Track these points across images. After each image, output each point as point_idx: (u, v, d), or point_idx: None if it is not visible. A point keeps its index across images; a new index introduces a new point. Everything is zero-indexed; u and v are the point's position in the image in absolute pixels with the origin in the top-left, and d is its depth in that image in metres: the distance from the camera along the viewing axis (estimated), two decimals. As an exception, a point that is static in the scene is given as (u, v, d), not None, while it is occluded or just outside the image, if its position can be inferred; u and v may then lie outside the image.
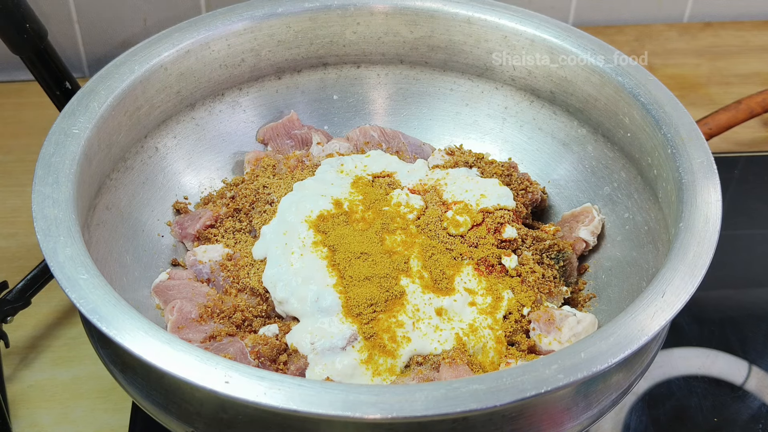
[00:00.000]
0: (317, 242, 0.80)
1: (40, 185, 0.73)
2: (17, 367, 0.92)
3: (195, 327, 0.77)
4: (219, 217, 0.88)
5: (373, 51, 0.99)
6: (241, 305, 0.79)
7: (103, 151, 0.82)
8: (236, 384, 0.60)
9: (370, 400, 0.59)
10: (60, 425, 0.87)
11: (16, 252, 1.03)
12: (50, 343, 0.95)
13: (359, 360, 0.73)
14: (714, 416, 0.88)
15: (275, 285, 0.78)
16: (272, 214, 0.84)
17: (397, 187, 0.87)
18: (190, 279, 0.83)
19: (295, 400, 0.59)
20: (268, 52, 0.95)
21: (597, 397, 0.71)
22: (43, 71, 0.94)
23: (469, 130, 1.00)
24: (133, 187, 0.87)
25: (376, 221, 0.82)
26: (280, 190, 0.87)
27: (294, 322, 0.78)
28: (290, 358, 0.75)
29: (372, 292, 0.76)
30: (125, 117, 0.85)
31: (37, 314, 0.96)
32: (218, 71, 0.93)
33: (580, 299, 0.85)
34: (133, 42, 0.89)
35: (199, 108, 0.94)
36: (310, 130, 0.97)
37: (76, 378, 0.91)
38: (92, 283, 0.66)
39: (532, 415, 0.67)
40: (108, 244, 0.81)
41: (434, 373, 0.73)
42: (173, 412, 0.69)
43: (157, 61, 0.87)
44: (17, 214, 1.08)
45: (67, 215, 0.71)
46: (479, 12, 0.94)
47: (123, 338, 0.63)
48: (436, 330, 0.76)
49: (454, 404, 0.60)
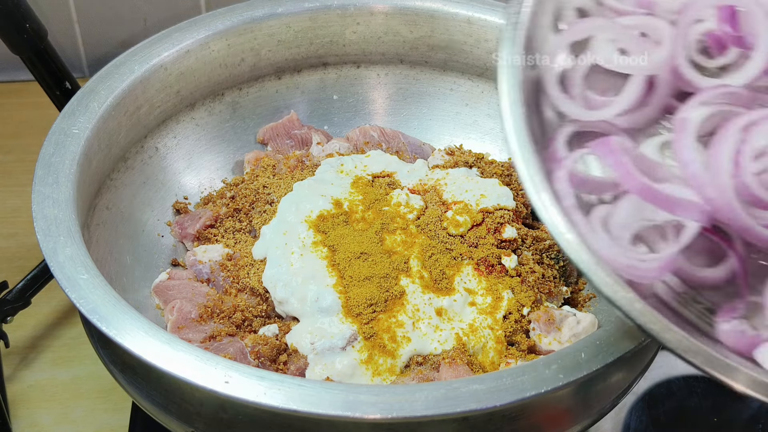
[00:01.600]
0: (317, 242, 0.80)
1: (40, 185, 0.73)
2: (17, 367, 0.92)
3: (195, 327, 0.77)
4: (219, 217, 0.88)
5: (373, 51, 0.99)
6: (241, 305, 0.79)
7: (103, 151, 0.82)
8: (236, 384, 0.60)
9: (370, 400, 0.59)
10: (60, 425, 0.87)
11: (16, 252, 1.03)
12: (50, 343, 0.95)
13: (359, 360, 0.73)
14: (714, 416, 0.88)
15: (275, 285, 0.78)
16: (272, 214, 0.84)
17: (397, 187, 0.87)
18: (190, 279, 0.83)
19: (295, 400, 0.59)
20: (267, 51, 0.95)
21: (597, 397, 0.71)
22: (43, 71, 0.94)
23: (469, 130, 1.00)
24: (133, 187, 0.87)
25: (376, 221, 0.82)
26: (279, 190, 0.87)
27: (294, 322, 0.78)
28: (290, 358, 0.75)
29: (372, 292, 0.76)
30: (125, 117, 0.85)
31: (37, 314, 0.96)
32: (218, 71, 0.93)
33: (580, 299, 0.85)
34: (133, 42, 0.89)
35: (199, 108, 0.94)
36: (310, 130, 0.97)
37: (76, 378, 0.91)
38: (92, 283, 0.66)
39: (532, 416, 0.67)
40: (108, 244, 0.81)
41: (434, 373, 0.73)
42: (173, 412, 0.69)
43: (157, 61, 0.87)
44: (17, 214, 1.08)
45: (67, 215, 0.71)
46: (479, 12, 0.94)
47: (123, 338, 0.63)
48: (436, 330, 0.76)
49: (454, 404, 0.60)
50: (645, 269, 0.59)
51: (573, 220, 0.58)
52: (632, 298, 0.57)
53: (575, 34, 0.66)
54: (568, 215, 0.58)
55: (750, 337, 0.60)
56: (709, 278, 0.63)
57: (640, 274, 0.59)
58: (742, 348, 0.60)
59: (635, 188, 0.59)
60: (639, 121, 0.66)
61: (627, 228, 0.61)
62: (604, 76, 0.67)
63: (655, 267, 0.59)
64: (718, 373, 0.56)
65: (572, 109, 0.65)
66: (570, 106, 0.65)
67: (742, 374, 0.56)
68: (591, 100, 0.65)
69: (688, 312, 0.63)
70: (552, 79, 0.65)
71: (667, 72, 0.65)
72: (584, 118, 0.64)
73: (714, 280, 0.62)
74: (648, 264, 0.59)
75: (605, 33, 0.66)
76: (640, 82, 0.65)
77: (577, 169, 0.63)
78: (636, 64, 0.65)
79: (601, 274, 0.57)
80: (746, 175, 0.58)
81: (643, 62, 0.65)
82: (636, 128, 0.67)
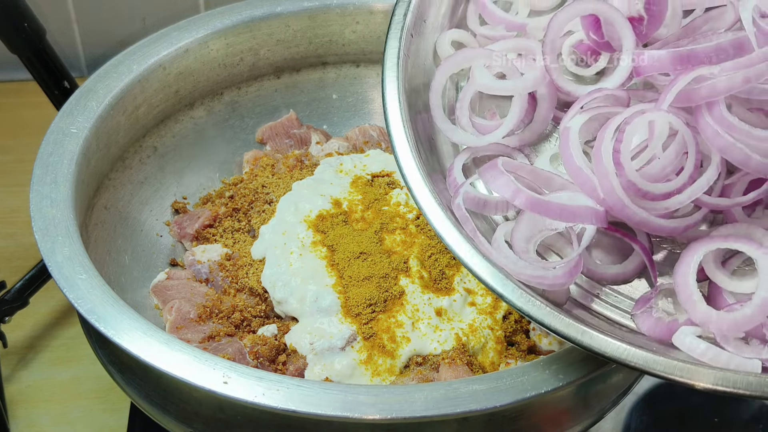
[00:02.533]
0: (316, 242, 0.80)
1: (38, 185, 0.73)
2: (15, 368, 0.92)
3: (194, 327, 0.77)
4: (218, 216, 0.88)
5: (373, 50, 0.99)
6: (239, 305, 0.79)
7: (101, 150, 0.82)
8: (235, 384, 0.60)
9: (369, 401, 0.59)
10: (58, 425, 0.87)
11: (15, 252, 1.03)
12: (48, 344, 0.94)
13: (358, 360, 0.73)
14: (714, 416, 0.88)
15: (274, 285, 0.78)
16: (271, 213, 0.84)
17: (396, 186, 0.87)
18: (189, 279, 0.82)
19: (293, 401, 0.59)
20: (267, 51, 0.95)
21: (597, 397, 0.71)
22: (41, 70, 0.94)
23: (469, 129, 1.00)
24: (131, 186, 0.87)
25: (375, 221, 0.81)
26: (278, 189, 0.87)
27: (293, 322, 0.77)
28: (289, 359, 0.75)
29: (371, 292, 0.76)
30: (124, 116, 0.85)
31: (35, 314, 0.96)
32: (217, 70, 0.93)
33: (580, 299, 0.85)
34: (131, 41, 0.89)
35: (198, 107, 0.94)
36: (309, 130, 0.97)
37: (75, 378, 0.91)
38: (90, 283, 0.66)
39: (533, 416, 0.66)
40: (106, 244, 0.81)
41: (434, 374, 0.73)
42: (171, 413, 0.68)
43: (155, 60, 0.87)
44: (16, 214, 1.08)
45: (66, 215, 0.71)
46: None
47: (121, 338, 0.63)
48: (435, 330, 0.75)
49: (454, 405, 0.59)
50: (554, 276, 0.61)
51: (476, 242, 0.62)
52: (546, 309, 0.59)
53: (452, 66, 0.71)
54: (470, 239, 0.61)
55: (667, 324, 0.62)
56: (620, 274, 0.65)
57: (550, 282, 0.61)
58: (662, 335, 0.62)
59: (524, 204, 0.62)
60: (530, 137, 0.70)
61: (530, 240, 0.65)
62: (489, 102, 0.72)
63: (563, 273, 0.62)
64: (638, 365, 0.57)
65: (463, 137, 0.70)
66: (460, 136, 0.70)
67: (660, 364, 0.57)
68: (480, 126, 0.69)
69: (609, 311, 0.65)
70: (439, 114, 0.69)
71: (545, 87, 0.70)
72: (475, 144, 0.69)
73: (625, 275, 0.65)
74: (556, 271, 0.62)
75: (480, 60, 0.70)
76: (522, 102, 0.70)
77: (475, 192, 0.67)
78: (514, 86, 0.70)
79: (510, 289, 0.60)
80: (630, 172, 0.60)
81: (520, 83, 0.70)
82: (529, 144, 0.71)
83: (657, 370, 0.56)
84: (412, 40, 0.72)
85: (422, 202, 0.64)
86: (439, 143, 0.71)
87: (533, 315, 0.59)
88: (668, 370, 0.56)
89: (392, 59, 0.70)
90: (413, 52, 0.72)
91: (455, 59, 0.71)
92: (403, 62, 0.70)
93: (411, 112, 0.69)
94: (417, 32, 0.72)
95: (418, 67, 0.73)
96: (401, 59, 0.70)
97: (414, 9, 0.72)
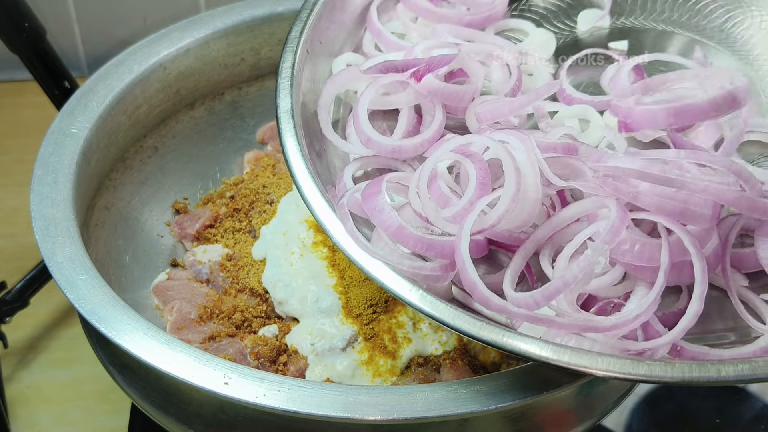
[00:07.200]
0: (317, 242, 0.79)
1: (38, 185, 0.73)
2: (16, 368, 0.92)
3: (194, 328, 0.77)
4: (218, 217, 0.88)
5: (374, 50, 0.99)
6: (240, 306, 0.79)
7: (102, 150, 0.81)
8: (236, 385, 0.60)
9: (371, 402, 0.59)
10: (58, 426, 0.87)
11: (15, 252, 1.03)
12: (49, 344, 0.94)
13: (359, 361, 0.73)
14: (716, 417, 0.88)
15: (275, 285, 0.78)
16: (272, 214, 0.84)
17: (397, 186, 0.87)
18: (190, 279, 0.82)
19: (294, 402, 0.59)
20: (268, 50, 0.95)
21: (599, 398, 0.71)
22: (41, 70, 0.94)
23: (470, 129, 0.99)
24: (132, 187, 0.87)
25: (376, 221, 0.81)
26: (279, 189, 0.87)
27: (294, 322, 0.77)
28: (290, 359, 0.75)
29: (372, 293, 0.76)
30: (124, 116, 0.85)
31: (35, 315, 0.96)
32: (218, 70, 0.93)
33: (581, 300, 0.84)
34: (132, 41, 0.88)
35: (199, 107, 0.94)
36: (310, 130, 0.97)
37: (75, 379, 0.91)
38: (91, 283, 0.66)
39: (534, 417, 0.66)
40: (107, 244, 0.81)
41: (435, 374, 0.73)
42: (172, 414, 0.68)
43: (156, 60, 0.87)
44: (16, 214, 1.08)
45: (66, 215, 0.71)
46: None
47: (122, 339, 0.63)
48: (437, 331, 0.75)
49: (455, 406, 0.59)
50: (431, 268, 0.62)
51: (355, 237, 0.63)
52: (429, 298, 0.59)
53: (337, 87, 0.74)
54: (350, 233, 0.63)
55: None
56: (494, 283, 0.64)
57: (428, 273, 0.62)
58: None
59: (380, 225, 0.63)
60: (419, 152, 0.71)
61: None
62: (382, 119, 0.74)
63: (439, 266, 0.62)
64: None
65: (351, 147, 0.72)
66: (349, 147, 0.72)
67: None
68: (371, 139, 0.70)
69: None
70: (327, 128, 0.72)
71: (428, 102, 0.72)
72: (363, 154, 0.71)
73: (497, 284, 0.63)
74: (433, 264, 0.62)
75: (362, 82, 0.73)
76: (407, 116, 0.72)
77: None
78: (398, 100, 0.73)
79: (390, 277, 0.61)
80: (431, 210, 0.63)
81: (400, 98, 0.72)
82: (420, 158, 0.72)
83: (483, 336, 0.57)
84: (307, 56, 0.75)
85: (310, 198, 0.65)
86: (330, 156, 0.73)
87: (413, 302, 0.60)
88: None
89: (287, 70, 0.73)
90: (309, 67, 0.75)
91: (339, 79, 0.74)
92: (297, 74, 0.73)
93: (305, 126, 0.71)
94: (312, 51, 0.76)
95: (317, 83, 0.76)
96: (296, 71, 0.73)
97: (308, 30, 0.76)
